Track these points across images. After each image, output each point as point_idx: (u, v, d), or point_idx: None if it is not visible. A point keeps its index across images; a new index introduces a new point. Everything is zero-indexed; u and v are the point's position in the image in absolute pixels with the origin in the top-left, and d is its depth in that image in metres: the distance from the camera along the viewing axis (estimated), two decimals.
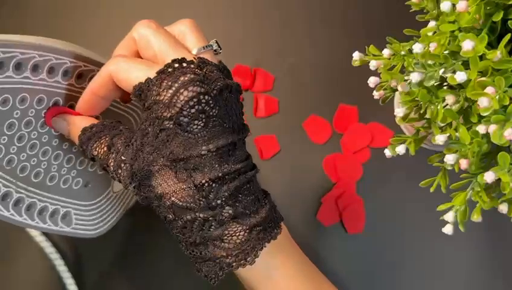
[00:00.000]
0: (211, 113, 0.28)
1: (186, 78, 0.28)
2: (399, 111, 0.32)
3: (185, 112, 0.27)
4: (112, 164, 0.30)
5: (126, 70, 0.29)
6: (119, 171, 0.30)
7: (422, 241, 0.46)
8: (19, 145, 0.32)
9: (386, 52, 0.32)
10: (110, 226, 0.42)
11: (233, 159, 0.30)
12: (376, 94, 0.33)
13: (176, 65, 0.28)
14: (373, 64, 0.32)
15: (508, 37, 0.25)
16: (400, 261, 0.46)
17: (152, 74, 0.28)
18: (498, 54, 0.24)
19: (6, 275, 0.48)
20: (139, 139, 0.29)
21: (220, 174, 0.28)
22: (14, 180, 0.32)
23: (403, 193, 0.47)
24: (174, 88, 0.27)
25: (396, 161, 0.35)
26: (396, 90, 0.31)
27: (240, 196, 0.30)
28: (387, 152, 0.32)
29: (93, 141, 0.31)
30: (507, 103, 0.24)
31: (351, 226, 0.47)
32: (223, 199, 0.29)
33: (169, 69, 0.28)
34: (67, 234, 0.38)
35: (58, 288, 0.47)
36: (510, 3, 0.25)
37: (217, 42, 0.32)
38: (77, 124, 0.33)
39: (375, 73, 0.32)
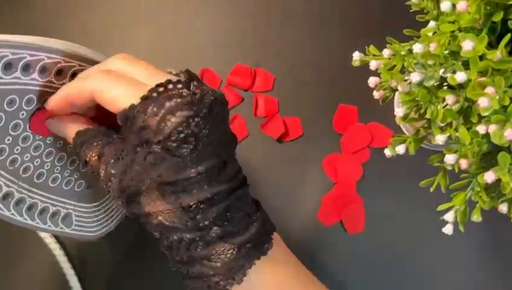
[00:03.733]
0: (201, 134, 0.27)
1: (172, 104, 0.26)
2: (399, 111, 0.32)
3: (173, 138, 0.26)
4: (102, 174, 0.29)
5: (109, 91, 0.28)
6: (109, 183, 0.29)
7: (422, 241, 0.46)
8: (23, 145, 0.32)
9: (386, 52, 0.32)
10: (110, 229, 0.42)
11: (224, 177, 0.29)
12: (376, 94, 0.33)
13: (161, 89, 0.27)
14: (373, 64, 0.32)
15: (508, 37, 0.25)
16: (400, 261, 0.46)
17: (136, 99, 0.27)
18: (498, 54, 0.24)
19: (15, 274, 0.48)
20: (130, 155, 0.28)
21: (209, 195, 0.28)
22: (16, 180, 0.32)
23: (402, 193, 0.47)
24: (160, 115, 0.26)
25: (396, 161, 0.35)
26: (396, 90, 0.31)
27: (229, 214, 0.28)
28: (387, 152, 0.32)
29: (85, 147, 0.30)
30: (507, 103, 0.24)
31: (351, 226, 0.47)
32: (211, 219, 0.28)
33: (154, 94, 0.27)
34: (66, 235, 0.38)
35: (61, 287, 0.47)
36: (510, 3, 0.25)
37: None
38: (72, 126, 0.32)
39: (375, 73, 0.32)
